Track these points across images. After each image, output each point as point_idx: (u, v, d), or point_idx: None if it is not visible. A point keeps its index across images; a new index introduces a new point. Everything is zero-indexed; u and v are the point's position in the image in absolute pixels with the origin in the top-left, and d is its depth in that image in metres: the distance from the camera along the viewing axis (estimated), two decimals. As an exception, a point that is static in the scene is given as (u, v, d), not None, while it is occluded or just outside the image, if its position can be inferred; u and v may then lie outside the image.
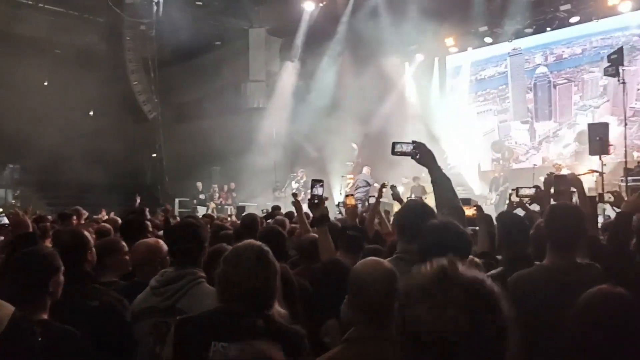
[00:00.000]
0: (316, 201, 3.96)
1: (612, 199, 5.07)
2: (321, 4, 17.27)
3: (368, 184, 14.63)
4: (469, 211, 5.10)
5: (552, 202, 4.24)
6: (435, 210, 3.03)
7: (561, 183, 4.24)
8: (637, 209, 4.34)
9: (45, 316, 2.39)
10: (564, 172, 12.27)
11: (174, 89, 20.13)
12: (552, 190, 4.35)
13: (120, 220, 6.37)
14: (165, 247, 3.36)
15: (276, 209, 8.58)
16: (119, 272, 3.65)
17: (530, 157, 16.70)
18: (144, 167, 21.26)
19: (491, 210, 11.51)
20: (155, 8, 16.54)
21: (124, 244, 3.78)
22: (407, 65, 18.85)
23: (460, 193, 14.23)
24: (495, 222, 4.48)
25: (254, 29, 19.57)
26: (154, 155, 19.38)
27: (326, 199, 5.15)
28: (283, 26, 19.57)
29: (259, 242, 2.23)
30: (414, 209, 3.01)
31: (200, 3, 19.04)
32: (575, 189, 4.42)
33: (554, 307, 2.53)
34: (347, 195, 4.84)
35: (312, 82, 18.65)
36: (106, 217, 9.94)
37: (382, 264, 2.22)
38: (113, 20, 16.56)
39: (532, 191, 4.99)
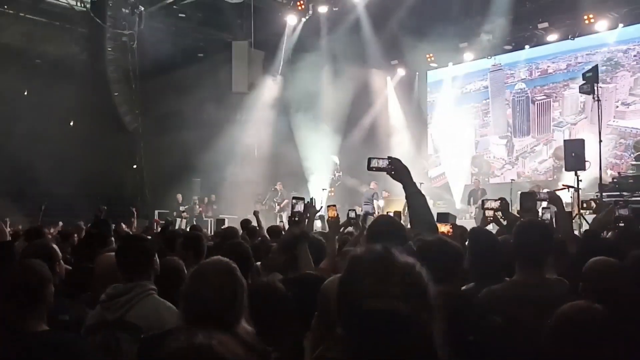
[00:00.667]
0: (296, 218, 3.95)
1: (594, 206, 5.19)
2: (304, 19, 17.39)
3: (371, 200, 14.65)
4: (444, 228, 5.15)
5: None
6: (403, 225, 3.06)
7: (527, 200, 4.32)
8: (604, 227, 4.45)
9: (44, 326, 2.38)
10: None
11: (156, 101, 20.04)
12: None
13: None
14: None
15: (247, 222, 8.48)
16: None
17: (505, 172, 16.90)
18: (125, 179, 21.08)
19: (472, 224, 11.60)
20: (137, 19, 16.51)
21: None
22: (389, 79, 19.04)
23: (440, 207, 14.45)
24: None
25: (237, 41, 19.60)
26: (135, 166, 19.26)
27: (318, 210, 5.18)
28: (266, 39, 19.64)
29: (226, 259, 2.22)
30: (383, 225, 3.02)
31: (183, 15, 19.06)
32: (554, 206, 4.50)
33: (523, 322, 2.58)
34: (329, 206, 4.83)
35: (294, 95, 18.71)
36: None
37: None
38: (94, 31, 16.48)
39: (497, 203, 5.06)
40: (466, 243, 3.77)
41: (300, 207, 4.01)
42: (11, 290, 2.35)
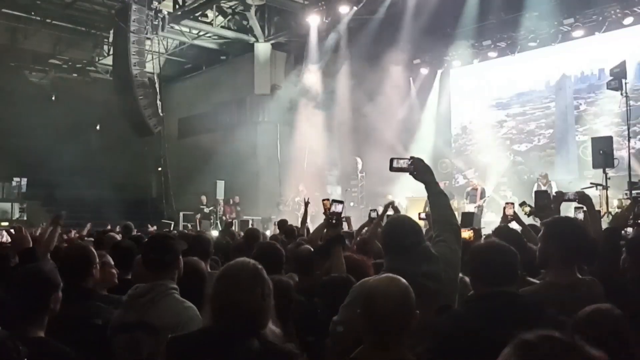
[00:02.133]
0: (334, 220, 3.84)
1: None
2: (326, 20, 17.39)
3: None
4: (466, 234, 5.09)
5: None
6: (419, 227, 3.02)
7: (542, 198, 4.24)
8: (623, 223, 4.35)
9: (42, 334, 2.38)
10: (553, 185, 12.33)
11: (180, 103, 20.27)
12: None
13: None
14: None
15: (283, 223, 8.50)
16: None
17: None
18: (149, 181, 21.37)
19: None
20: (160, 23, 16.70)
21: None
22: (412, 80, 18.93)
23: (466, 206, 14.29)
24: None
25: (259, 43, 19.71)
26: (159, 169, 19.48)
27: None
28: (288, 41, 19.72)
29: (253, 260, 2.21)
30: (399, 226, 2.94)
31: (205, 18, 19.23)
32: (584, 206, 4.40)
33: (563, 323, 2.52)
34: (323, 200, 4.75)
35: (318, 96, 18.73)
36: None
37: (399, 280, 2.19)
38: (119, 35, 16.70)
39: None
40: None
41: (338, 208, 3.91)
42: (16, 295, 2.37)
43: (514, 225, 5.04)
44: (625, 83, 10.49)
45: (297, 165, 18.06)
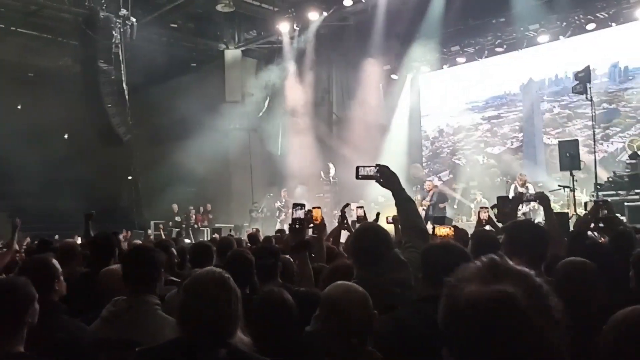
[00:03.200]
0: (297, 226, 3.82)
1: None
2: (296, 27, 17.40)
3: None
4: (444, 230, 5.13)
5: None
6: (388, 234, 3.02)
7: (505, 204, 4.30)
8: (585, 227, 4.45)
9: (21, 348, 2.32)
10: (530, 187, 12.51)
11: (149, 111, 20.03)
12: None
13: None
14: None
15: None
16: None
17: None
18: (119, 190, 21.05)
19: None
20: (129, 31, 16.50)
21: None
22: (382, 85, 19.06)
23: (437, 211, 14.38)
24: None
25: (229, 50, 19.63)
26: (130, 177, 19.21)
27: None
28: (259, 47, 19.69)
29: (219, 269, 2.19)
30: (367, 236, 2.92)
31: (175, 25, 19.08)
32: (541, 206, 4.50)
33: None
34: (313, 208, 4.75)
35: (288, 103, 18.73)
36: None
37: (356, 287, 2.25)
38: (86, 43, 16.45)
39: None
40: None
41: (300, 214, 3.90)
42: None
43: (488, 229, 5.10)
44: (590, 87, 10.74)
45: (269, 172, 18.01)
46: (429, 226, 6.53)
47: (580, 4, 14.72)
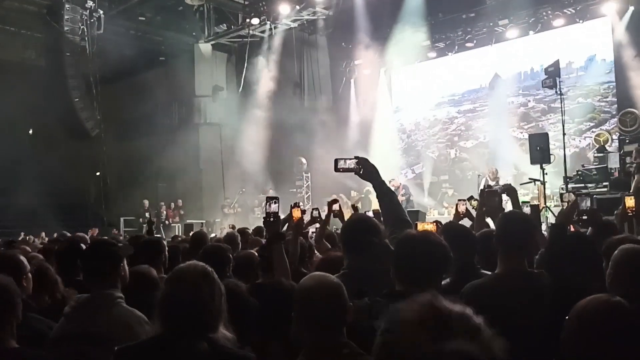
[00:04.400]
0: (272, 219, 3.80)
1: (573, 197, 5.23)
2: (267, 21, 17.28)
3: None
4: (429, 227, 5.10)
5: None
6: (378, 224, 3.00)
7: (491, 198, 4.32)
8: (568, 220, 4.51)
9: (15, 344, 2.30)
10: (501, 181, 12.66)
11: (118, 106, 19.68)
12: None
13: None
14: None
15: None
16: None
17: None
18: (87, 186, 20.65)
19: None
20: (96, 23, 16.16)
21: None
22: (353, 79, 19.08)
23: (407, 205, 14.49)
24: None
25: (199, 44, 19.39)
26: (98, 173, 18.85)
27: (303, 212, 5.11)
28: (229, 41, 19.49)
29: (202, 263, 2.13)
30: (357, 224, 2.92)
31: (143, 18, 18.76)
32: (509, 198, 4.56)
33: (508, 314, 2.55)
34: (292, 206, 4.71)
35: (260, 97, 18.61)
36: (46, 239, 9.57)
37: (328, 278, 2.17)
38: (51, 35, 16.06)
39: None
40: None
41: (274, 208, 3.87)
42: None
43: (465, 222, 5.10)
44: (559, 81, 10.89)
45: (242, 166, 17.87)
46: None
47: (547, 0, 14.93)
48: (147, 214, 16.87)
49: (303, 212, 4.66)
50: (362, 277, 2.68)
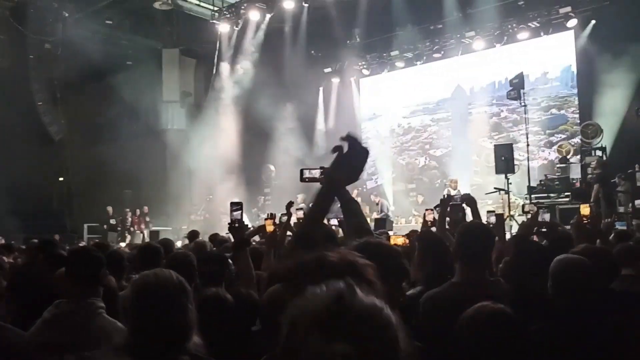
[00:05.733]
0: (237, 225, 3.80)
1: (535, 209, 5.37)
2: (236, 27, 17.24)
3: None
4: (400, 240, 5.14)
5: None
6: (334, 232, 3.03)
7: (455, 211, 4.41)
8: (529, 231, 4.63)
9: None
10: (462, 190, 12.87)
11: (83, 110, 19.34)
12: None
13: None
14: None
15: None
16: None
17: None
18: (50, 192, 20.20)
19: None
20: (61, 26, 15.88)
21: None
22: (322, 88, 19.17)
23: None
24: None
25: (167, 49, 19.21)
26: (61, 179, 18.46)
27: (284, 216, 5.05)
28: (197, 47, 19.36)
29: (173, 272, 2.06)
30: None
31: (110, 22, 18.49)
32: (468, 207, 4.67)
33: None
34: (266, 219, 4.71)
35: (229, 103, 18.52)
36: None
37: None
38: (15, 37, 15.72)
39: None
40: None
41: (237, 215, 3.87)
42: None
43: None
44: (523, 93, 11.16)
45: (209, 173, 17.72)
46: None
47: (512, 13, 15.24)
48: (111, 221, 16.60)
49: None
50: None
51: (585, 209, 4.79)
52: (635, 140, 11.90)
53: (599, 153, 12.51)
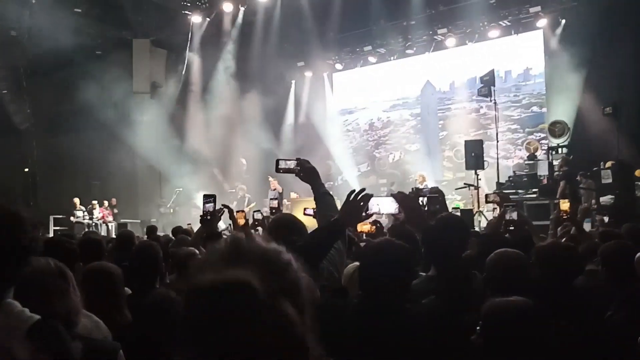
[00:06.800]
0: (208, 217, 3.81)
1: (497, 199, 5.44)
2: (208, 18, 17.05)
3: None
4: (366, 227, 5.19)
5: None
6: (302, 224, 3.03)
7: (432, 204, 4.45)
8: (496, 230, 4.70)
9: None
10: (429, 185, 13.01)
11: (50, 100, 18.93)
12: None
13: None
14: None
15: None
16: None
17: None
18: (14, 183, 19.73)
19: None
20: (27, 13, 15.48)
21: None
22: (294, 82, 19.13)
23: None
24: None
25: (137, 39, 18.87)
26: (26, 170, 18.03)
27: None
28: (169, 37, 19.07)
29: (49, 259, 2.08)
30: (282, 225, 2.95)
31: (79, 10, 18.07)
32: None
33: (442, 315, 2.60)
34: (237, 212, 4.68)
35: (200, 96, 18.34)
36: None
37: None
38: (-21, 24, 15.29)
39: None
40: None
41: (209, 207, 3.86)
42: None
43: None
44: (494, 90, 11.29)
45: (179, 165, 17.53)
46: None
47: (483, 12, 15.40)
48: (78, 213, 16.29)
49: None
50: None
51: (564, 204, 4.88)
52: (601, 138, 12.15)
53: (565, 151, 12.75)
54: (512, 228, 4.67)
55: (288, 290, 0.96)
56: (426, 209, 4.50)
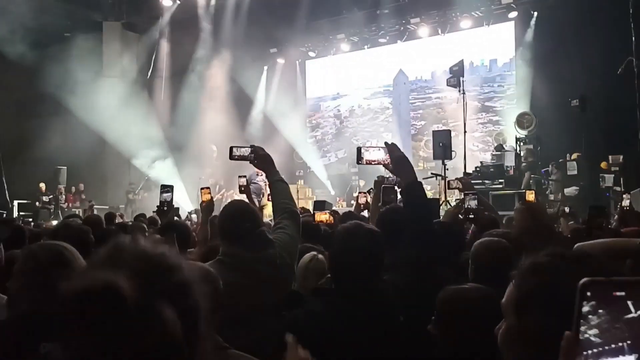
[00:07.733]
0: (165, 208, 3.82)
1: (460, 185, 5.47)
2: (179, 1, 16.82)
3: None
4: (324, 217, 5.19)
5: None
6: (256, 211, 3.00)
7: (388, 194, 4.45)
8: (454, 218, 4.72)
9: None
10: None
11: (16, 82, 18.50)
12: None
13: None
14: None
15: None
16: None
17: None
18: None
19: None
20: (-8, -8, 15.09)
21: None
22: (266, 67, 19.00)
23: (319, 195, 14.65)
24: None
25: (108, 22, 18.54)
26: (-9, 153, 17.59)
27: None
28: (140, 21, 18.77)
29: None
30: (234, 212, 2.89)
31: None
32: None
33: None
34: (202, 189, 4.63)
35: (170, 81, 18.12)
36: None
37: (199, 266, 2.10)
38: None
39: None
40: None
41: (168, 196, 3.86)
42: None
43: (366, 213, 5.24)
44: (463, 81, 11.34)
45: (148, 151, 17.34)
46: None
47: (456, 2, 15.43)
48: (44, 198, 16.02)
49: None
50: (237, 264, 2.67)
51: (530, 195, 4.93)
52: (569, 130, 12.32)
53: (533, 142, 12.91)
54: (472, 216, 4.69)
55: (172, 293, 0.93)
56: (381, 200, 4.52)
